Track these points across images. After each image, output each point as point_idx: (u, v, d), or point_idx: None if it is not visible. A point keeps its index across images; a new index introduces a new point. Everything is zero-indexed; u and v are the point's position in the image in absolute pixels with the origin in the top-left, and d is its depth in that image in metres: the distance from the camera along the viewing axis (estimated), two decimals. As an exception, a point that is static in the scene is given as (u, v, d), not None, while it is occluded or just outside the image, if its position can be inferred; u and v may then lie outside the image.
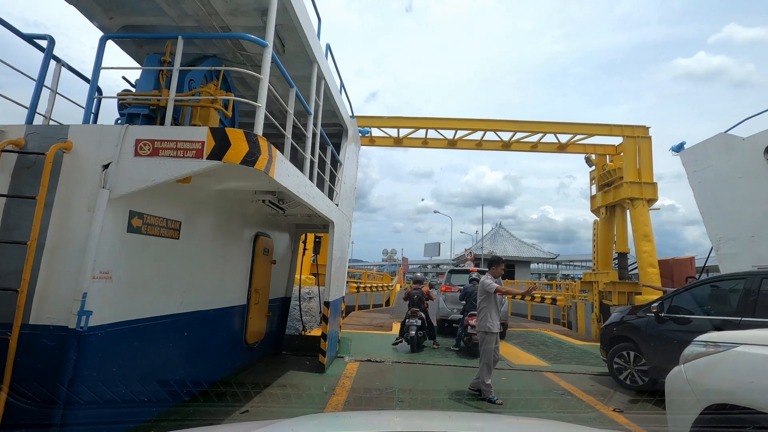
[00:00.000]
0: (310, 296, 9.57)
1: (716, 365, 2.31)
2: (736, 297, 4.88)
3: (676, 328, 5.34)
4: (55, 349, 2.86)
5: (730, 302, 4.99)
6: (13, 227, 3.05)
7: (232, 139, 3.14)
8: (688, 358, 2.56)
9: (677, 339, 5.05)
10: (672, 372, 2.64)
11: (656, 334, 5.56)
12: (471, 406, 4.93)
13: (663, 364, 5.06)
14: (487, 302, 5.28)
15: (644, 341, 5.74)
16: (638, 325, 5.95)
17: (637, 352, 5.87)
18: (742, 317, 4.62)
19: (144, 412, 3.58)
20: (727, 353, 2.29)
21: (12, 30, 3.75)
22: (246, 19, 4.45)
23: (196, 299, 4.39)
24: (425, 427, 1.50)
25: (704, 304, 5.34)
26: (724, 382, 2.21)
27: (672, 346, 5.01)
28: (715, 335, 2.60)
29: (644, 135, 13.42)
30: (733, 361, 2.23)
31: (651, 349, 5.60)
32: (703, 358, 2.42)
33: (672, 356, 4.60)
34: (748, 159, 6.79)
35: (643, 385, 5.69)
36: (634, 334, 5.98)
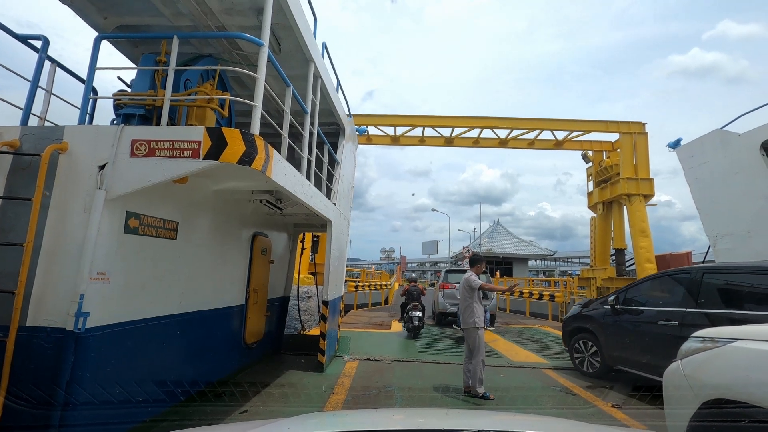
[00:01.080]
0: (308, 295, 9.57)
1: (713, 361, 2.32)
2: (682, 290, 5.21)
3: (630, 318, 5.78)
4: (52, 350, 2.85)
5: (676, 294, 5.31)
6: (8, 229, 3.03)
7: (229, 139, 3.13)
8: (685, 353, 2.55)
9: (630, 329, 5.67)
10: (669, 367, 2.64)
11: (611, 324, 6.00)
12: (470, 403, 4.94)
13: (618, 352, 5.80)
14: (471, 298, 5.31)
15: (601, 331, 6.17)
16: (595, 316, 6.39)
17: (594, 342, 6.30)
18: (687, 308, 4.99)
19: (142, 413, 3.58)
20: (724, 348, 2.29)
21: (6, 30, 3.72)
22: (242, 19, 4.43)
23: (194, 300, 4.39)
24: (424, 425, 1.50)
25: (654, 297, 5.68)
26: (722, 378, 2.21)
27: (625, 335, 5.71)
28: (712, 331, 2.59)
29: (640, 131, 13.46)
30: (731, 357, 2.23)
31: (607, 339, 6.05)
32: (700, 353, 2.43)
33: (625, 344, 5.64)
34: (744, 155, 6.81)
35: (597, 371, 6.18)
36: (591, 325, 6.41)
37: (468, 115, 14.50)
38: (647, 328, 5.44)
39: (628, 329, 5.74)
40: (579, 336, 6.63)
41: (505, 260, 36.62)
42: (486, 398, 5.01)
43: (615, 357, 5.91)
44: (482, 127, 14.23)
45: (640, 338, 5.52)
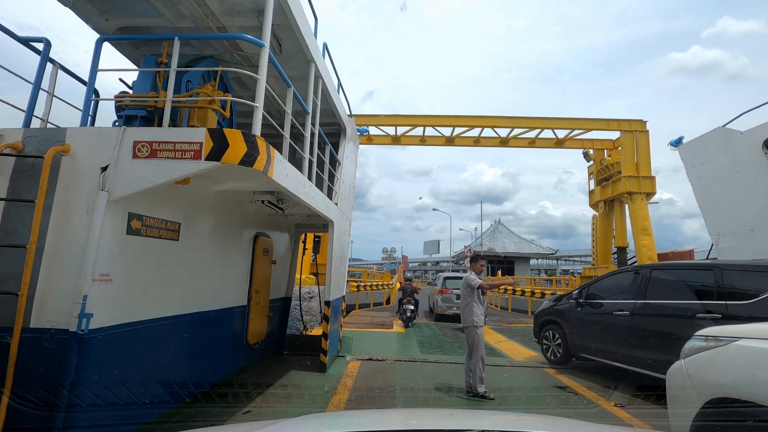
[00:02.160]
0: (310, 296, 9.58)
1: (717, 359, 2.31)
2: (635, 285, 5.85)
3: (591, 311, 6.41)
4: (56, 352, 2.86)
5: (629, 289, 5.95)
6: (12, 231, 3.04)
7: (230, 140, 3.13)
8: (688, 352, 2.54)
9: (591, 320, 6.30)
10: (673, 366, 2.64)
11: (575, 317, 6.63)
12: (472, 403, 4.94)
13: (579, 341, 6.50)
14: (470, 297, 5.29)
15: (566, 323, 6.81)
16: (562, 310, 7.02)
17: (559, 333, 6.92)
18: (637, 299, 5.69)
19: (146, 414, 3.59)
20: (727, 347, 2.28)
21: (8, 33, 3.73)
22: (242, 20, 4.43)
23: (197, 300, 4.39)
24: (428, 425, 1.50)
25: (611, 292, 6.31)
26: (726, 376, 2.20)
27: (587, 326, 6.37)
28: (715, 329, 2.57)
29: (642, 129, 13.43)
30: (734, 355, 2.22)
31: (570, 329, 6.72)
32: (703, 352, 2.41)
33: (585, 334, 6.37)
34: (746, 153, 6.79)
35: (559, 359, 6.88)
36: (559, 318, 7.03)
37: (469, 115, 14.49)
38: (603, 319, 6.08)
39: (589, 320, 6.35)
40: (547, 327, 7.22)
41: (507, 259, 36.57)
42: (486, 398, 5.00)
43: (577, 345, 6.57)
44: (483, 126, 14.22)
45: (597, 328, 6.16)
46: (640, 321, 5.54)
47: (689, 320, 4.87)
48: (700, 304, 4.94)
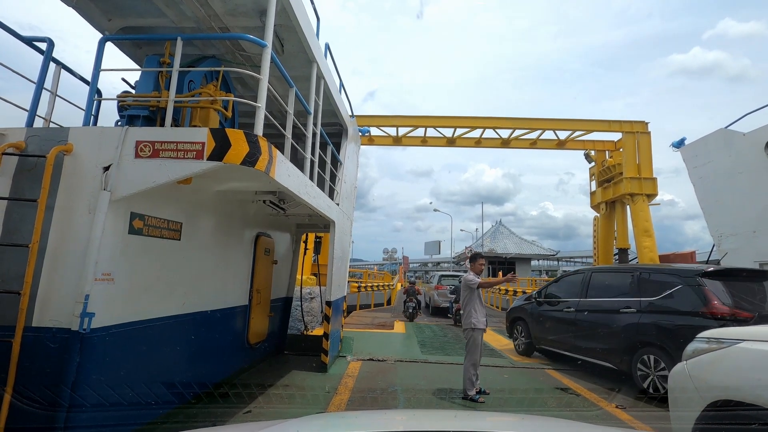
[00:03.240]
0: (311, 296, 9.58)
1: (720, 361, 2.29)
2: (579, 285, 6.95)
3: (548, 308, 7.44)
4: (58, 351, 2.86)
5: (575, 288, 7.01)
6: (14, 230, 3.05)
7: (233, 140, 3.13)
8: (691, 354, 2.52)
9: (548, 316, 7.35)
10: (675, 368, 2.63)
11: (536, 314, 7.64)
12: (475, 403, 4.93)
13: (539, 334, 7.53)
14: (471, 298, 5.21)
15: (530, 319, 7.81)
16: (526, 308, 8.04)
17: (524, 328, 7.95)
18: (580, 298, 6.79)
19: (147, 414, 3.59)
20: (730, 349, 2.27)
21: (11, 33, 3.74)
22: (245, 20, 4.44)
23: (198, 300, 4.40)
24: (429, 426, 1.50)
25: (563, 291, 7.31)
26: (728, 379, 2.18)
27: (544, 322, 7.40)
28: (717, 332, 2.56)
29: (643, 130, 13.41)
30: (737, 358, 2.20)
31: (532, 324, 7.73)
32: (706, 354, 2.40)
33: (543, 328, 7.41)
34: (748, 154, 6.78)
35: (523, 351, 7.90)
36: (524, 315, 8.06)
37: (470, 116, 14.49)
38: (556, 315, 7.13)
39: (546, 316, 7.39)
40: (516, 323, 8.30)
41: (508, 260, 36.53)
42: (474, 401, 4.91)
43: (538, 338, 7.57)
44: (484, 127, 14.21)
45: (552, 322, 7.20)
46: (581, 316, 6.59)
47: (614, 314, 5.98)
48: (623, 300, 5.97)
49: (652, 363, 5.26)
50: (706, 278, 5.24)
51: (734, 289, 5.12)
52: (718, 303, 4.98)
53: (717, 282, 5.21)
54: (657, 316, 5.45)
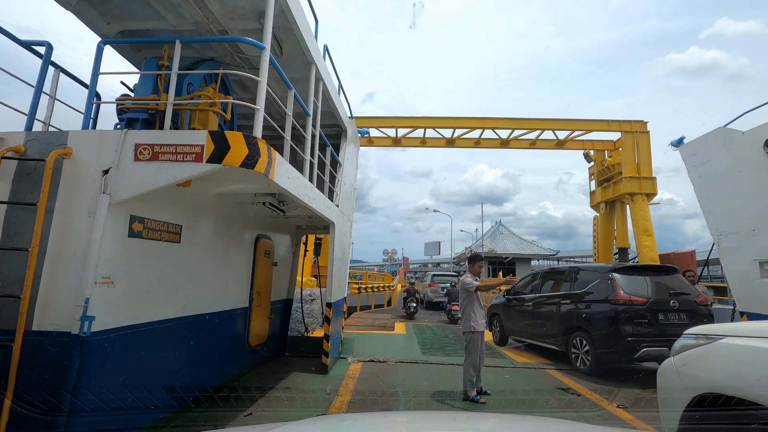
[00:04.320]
0: (311, 298, 9.57)
1: (704, 357, 2.36)
2: (536, 283, 8.37)
3: (515, 304, 8.71)
4: (58, 355, 2.86)
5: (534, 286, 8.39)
6: (14, 234, 3.05)
7: (232, 142, 3.13)
8: (678, 350, 2.60)
9: (515, 310, 8.63)
10: (663, 364, 2.69)
11: (507, 309, 8.94)
12: (474, 405, 4.92)
13: (509, 326, 8.81)
14: (469, 301, 5.20)
15: (502, 313, 9.07)
16: (500, 304, 9.29)
17: (499, 321, 9.21)
18: (537, 293, 8.10)
19: (147, 417, 3.58)
20: (714, 345, 2.35)
21: (10, 37, 3.74)
22: (243, 22, 4.44)
23: (198, 303, 4.39)
24: (431, 428, 1.50)
25: (526, 289, 8.67)
26: (712, 373, 2.25)
27: (513, 315, 8.70)
28: (703, 328, 2.64)
29: (642, 130, 13.43)
30: (721, 353, 2.27)
31: (504, 318, 8.97)
32: (691, 350, 2.47)
33: (511, 320, 8.84)
34: (748, 153, 6.77)
35: (498, 340, 9.20)
36: (499, 310, 9.27)
37: (469, 116, 14.51)
38: (520, 308, 8.45)
39: (514, 310, 8.68)
40: (493, 318, 9.47)
41: (508, 260, 36.52)
42: (475, 402, 4.93)
43: (509, 329, 8.85)
44: (483, 128, 14.23)
45: (517, 315, 8.54)
46: (536, 309, 7.88)
47: (557, 305, 7.36)
48: (562, 294, 7.40)
49: (579, 343, 6.63)
50: (615, 273, 6.58)
51: (634, 282, 6.47)
52: (621, 292, 6.26)
53: (622, 276, 6.52)
54: (582, 305, 6.78)
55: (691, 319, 6.17)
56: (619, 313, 6.12)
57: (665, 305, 6.18)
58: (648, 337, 5.97)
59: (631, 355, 5.92)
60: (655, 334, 5.99)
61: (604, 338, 6.18)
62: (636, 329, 6.01)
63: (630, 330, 6.00)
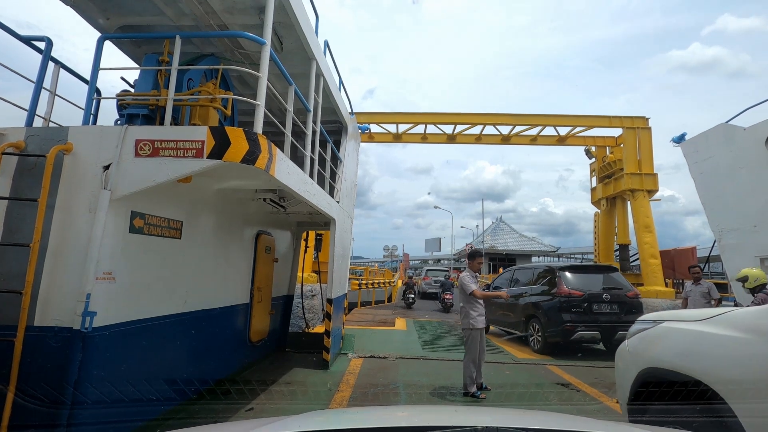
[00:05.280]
0: (312, 294, 9.59)
1: (647, 338, 2.83)
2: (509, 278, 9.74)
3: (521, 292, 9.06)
4: (60, 350, 2.87)
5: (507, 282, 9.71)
6: (15, 230, 3.05)
7: (232, 138, 3.13)
8: (632, 333, 3.06)
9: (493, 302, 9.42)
10: (620, 346, 3.13)
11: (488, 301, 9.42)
12: (473, 400, 4.95)
13: (490, 315, 9.09)
14: (467, 300, 5.28)
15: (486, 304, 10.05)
16: None
17: None
18: (509, 287, 9.33)
19: (149, 411, 3.60)
20: (656, 328, 2.79)
21: (9, 32, 3.73)
22: (243, 17, 4.43)
23: (199, 298, 4.41)
24: (431, 421, 1.51)
25: (503, 283, 9.82)
26: (652, 351, 2.71)
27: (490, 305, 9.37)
28: (651, 315, 3.11)
29: (644, 126, 13.38)
30: (658, 334, 2.75)
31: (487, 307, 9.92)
32: (640, 333, 2.92)
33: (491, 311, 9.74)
34: (749, 149, 6.75)
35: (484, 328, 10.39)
36: None
37: (470, 112, 14.46)
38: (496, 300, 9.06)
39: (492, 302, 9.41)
40: None
41: (509, 257, 36.53)
42: (476, 397, 4.97)
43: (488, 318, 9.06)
44: (484, 124, 14.20)
45: (495, 306, 9.53)
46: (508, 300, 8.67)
47: (521, 297, 8.69)
48: (525, 288, 8.80)
49: (533, 328, 8.12)
50: (561, 272, 8.07)
51: (577, 279, 7.91)
52: (564, 287, 7.70)
53: (567, 274, 8.00)
54: (537, 298, 8.24)
55: (621, 310, 7.63)
56: (560, 303, 7.56)
57: (599, 298, 7.59)
58: (583, 323, 7.39)
59: (569, 336, 7.34)
60: (589, 320, 7.42)
61: (549, 323, 7.69)
62: (573, 316, 7.42)
63: (568, 317, 7.42)
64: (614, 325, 7.43)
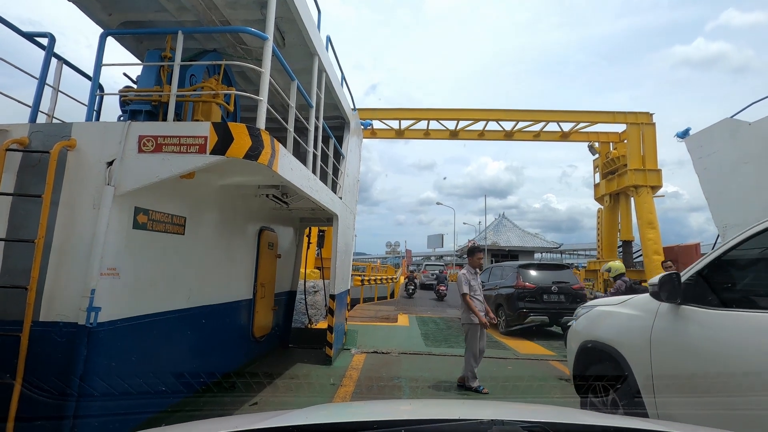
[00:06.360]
0: (315, 290, 9.62)
1: (585, 319, 3.63)
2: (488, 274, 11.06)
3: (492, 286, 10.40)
4: (65, 345, 2.89)
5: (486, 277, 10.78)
6: (20, 226, 3.07)
7: (235, 134, 3.13)
8: (577, 316, 3.89)
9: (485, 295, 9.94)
10: (570, 327, 3.96)
11: None
12: (471, 395, 4.96)
13: None
14: None
15: None
16: None
17: None
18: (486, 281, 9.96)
19: (153, 405, 3.62)
20: (591, 312, 3.59)
21: (12, 28, 3.74)
22: (245, 13, 4.41)
23: (203, 294, 4.43)
24: (433, 415, 1.51)
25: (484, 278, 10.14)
26: (589, 328, 3.50)
27: None
28: (590, 303, 3.99)
29: (648, 122, 13.29)
30: (591, 316, 3.56)
31: None
32: (582, 316, 3.73)
33: None
34: (754, 144, 6.69)
35: None
36: None
37: (473, 108, 14.40)
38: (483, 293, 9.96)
39: None
40: None
41: (511, 253, 36.49)
42: (479, 392, 4.99)
43: None
44: (487, 120, 14.13)
45: None
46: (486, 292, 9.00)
47: (494, 290, 10.18)
48: (497, 282, 10.45)
49: (500, 315, 9.74)
50: (521, 269, 9.94)
51: (533, 274, 9.79)
52: (520, 280, 9.57)
53: (524, 270, 9.89)
54: (504, 290, 9.96)
55: (567, 299, 9.36)
56: (518, 293, 9.41)
57: (548, 289, 9.36)
58: (534, 309, 9.16)
59: (524, 320, 9.10)
60: (539, 308, 9.19)
61: (509, 310, 9.55)
62: (526, 304, 9.25)
63: (522, 305, 9.26)
64: (560, 311, 9.13)
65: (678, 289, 2.50)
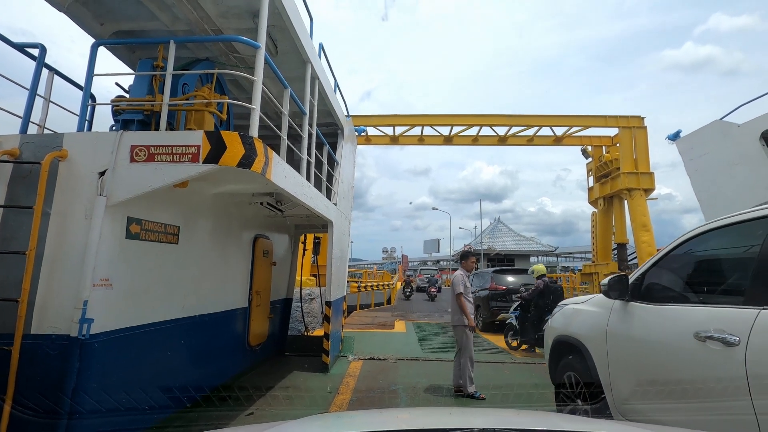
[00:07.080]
0: (311, 297, 9.58)
1: (558, 316, 3.92)
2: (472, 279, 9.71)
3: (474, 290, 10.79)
4: (57, 358, 2.85)
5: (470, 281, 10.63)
6: (11, 237, 3.04)
7: (228, 142, 3.13)
8: (552, 314, 4.21)
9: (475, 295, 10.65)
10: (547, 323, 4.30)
11: None
12: (467, 402, 4.94)
13: None
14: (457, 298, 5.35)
15: None
16: None
17: None
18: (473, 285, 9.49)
19: (148, 419, 3.58)
20: (563, 309, 3.90)
21: (3, 39, 3.72)
22: (237, 22, 4.43)
23: (198, 303, 4.39)
24: (429, 424, 1.50)
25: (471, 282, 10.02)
26: (560, 324, 3.79)
27: None
28: (564, 301, 4.20)
29: (639, 125, 13.43)
30: (563, 313, 3.85)
31: None
32: (557, 314, 4.02)
33: None
34: (744, 145, 6.78)
35: None
36: None
37: (467, 114, 14.49)
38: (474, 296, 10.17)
39: None
40: None
41: (507, 257, 36.56)
42: (476, 398, 4.94)
43: None
44: (481, 125, 14.22)
45: None
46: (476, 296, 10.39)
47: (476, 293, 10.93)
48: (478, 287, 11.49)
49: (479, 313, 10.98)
50: (494, 273, 11.61)
51: (504, 278, 11.40)
52: (493, 283, 11.13)
53: (497, 275, 11.53)
54: (481, 292, 11.28)
55: None
56: (490, 294, 10.99)
57: (516, 291, 10.06)
58: (504, 308, 10.02)
59: (495, 317, 10.01)
60: (508, 307, 9.58)
61: (483, 308, 11.03)
62: (497, 304, 10.72)
63: (494, 304, 10.78)
64: None
65: (626, 289, 2.87)
